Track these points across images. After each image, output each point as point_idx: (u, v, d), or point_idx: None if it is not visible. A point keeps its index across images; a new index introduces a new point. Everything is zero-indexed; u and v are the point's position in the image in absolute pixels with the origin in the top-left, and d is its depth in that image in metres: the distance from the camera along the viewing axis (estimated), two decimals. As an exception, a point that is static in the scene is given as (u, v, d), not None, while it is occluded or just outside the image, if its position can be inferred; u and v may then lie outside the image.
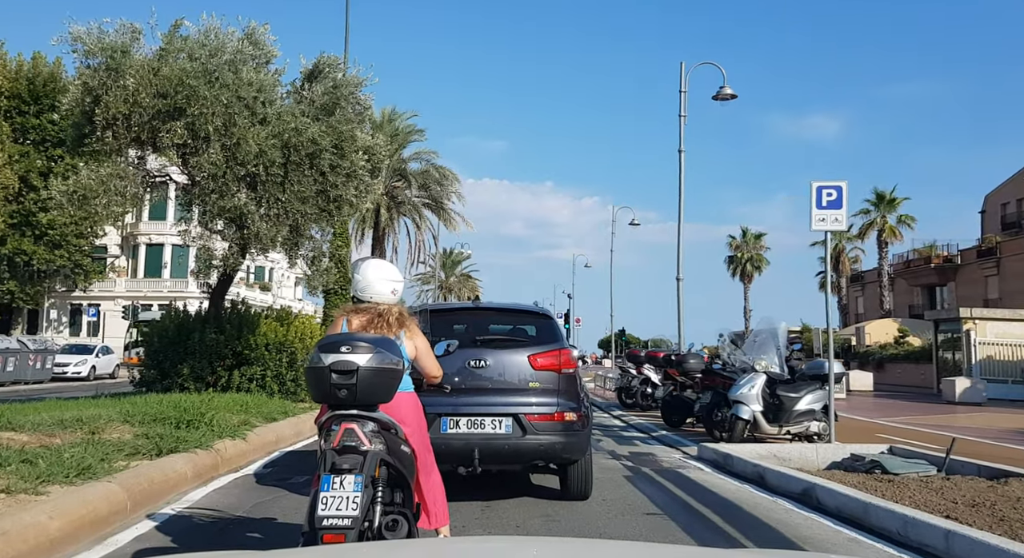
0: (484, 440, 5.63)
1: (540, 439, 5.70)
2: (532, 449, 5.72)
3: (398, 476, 3.46)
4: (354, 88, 10.79)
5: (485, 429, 5.69)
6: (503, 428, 5.69)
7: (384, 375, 3.28)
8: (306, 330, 12.51)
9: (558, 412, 5.80)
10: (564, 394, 5.87)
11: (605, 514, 5.74)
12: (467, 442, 5.60)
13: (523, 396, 5.82)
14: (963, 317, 26.29)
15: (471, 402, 5.72)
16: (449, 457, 5.40)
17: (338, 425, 3.30)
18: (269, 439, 8.87)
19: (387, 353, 3.29)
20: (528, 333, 6.53)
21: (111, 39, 9.78)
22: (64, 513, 4.48)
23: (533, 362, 5.89)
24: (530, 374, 5.86)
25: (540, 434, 5.70)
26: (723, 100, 17.38)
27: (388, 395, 3.39)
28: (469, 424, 5.71)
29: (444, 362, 4.42)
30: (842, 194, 9.31)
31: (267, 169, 9.88)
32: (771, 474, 7.04)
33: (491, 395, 5.80)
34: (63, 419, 7.55)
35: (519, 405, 5.76)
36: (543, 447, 5.72)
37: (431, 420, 5.05)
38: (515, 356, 5.92)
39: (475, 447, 5.57)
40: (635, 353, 18.10)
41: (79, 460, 5.65)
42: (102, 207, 9.52)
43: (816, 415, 9.87)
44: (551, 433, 5.72)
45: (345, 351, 3.20)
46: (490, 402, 5.77)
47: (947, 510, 5.40)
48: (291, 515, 5.43)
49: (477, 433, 5.67)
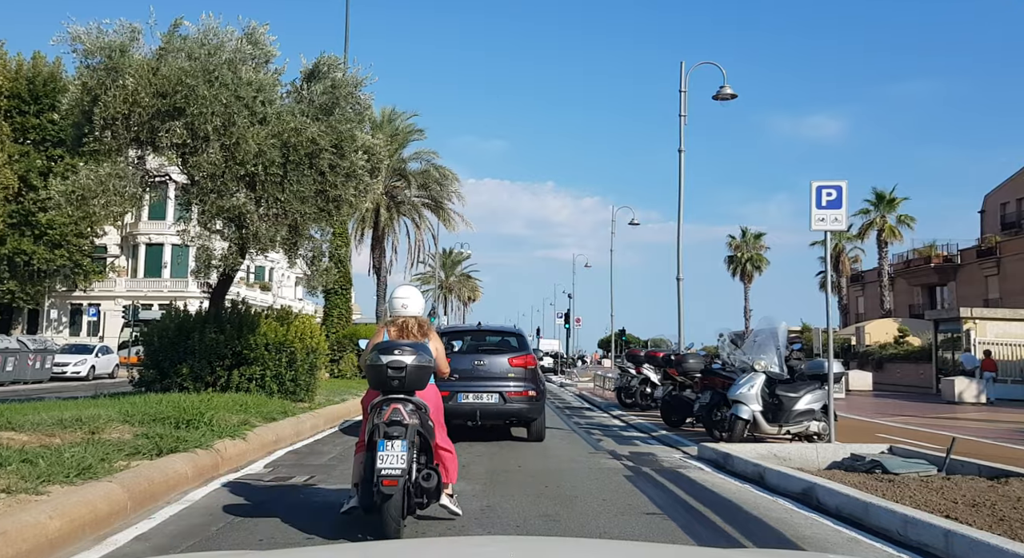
0: (482, 406, 9.69)
1: (514, 406, 9.77)
2: (510, 411, 9.82)
3: (424, 443, 4.70)
4: (353, 88, 10.77)
5: (483, 400, 9.73)
6: (494, 399, 9.75)
7: (423, 371, 4.67)
8: (306, 330, 12.48)
9: (525, 390, 9.81)
10: (529, 381, 9.93)
11: (605, 514, 5.74)
12: (473, 407, 9.65)
13: (504, 382, 9.85)
14: (963, 317, 26.30)
15: (475, 385, 9.73)
16: (463, 415, 9.51)
17: (388, 405, 4.50)
18: (269, 439, 8.86)
19: (424, 355, 4.66)
20: (509, 344, 10.54)
21: (110, 39, 9.77)
22: (64, 513, 4.48)
23: (511, 362, 9.99)
24: (509, 369, 9.93)
25: (514, 403, 9.76)
26: (723, 100, 17.37)
27: (423, 385, 4.77)
28: (474, 397, 9.69)
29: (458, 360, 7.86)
30: (842, 194, 9.30)
31: (266, 169, 9.87)
32: (771, 474, 7.04)
33: (487, 381, 9.81)
34: (63, 419, 7.55)
35: (502, 387, 9.79)
36: (516, 410, 9.82)
37: (452, 395, 8.61)
38: (500, 358, 10.04)
39: (477, 409, 9.66)
40: (635, 353, 18.09)
41: (79, 460, 5.65)
42: (101, 207, 9.51)
43: (816, 415, 9.86)
44: (521, 402, 9.79)
45: (397, 354, 4.54)
46: (486, 385, 9.78)
47: (947, 510, 5.39)
48: (292, 515, 5.43)
49: (479, 402, 9.71)
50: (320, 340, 12.95)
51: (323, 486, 6.66)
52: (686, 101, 17.48)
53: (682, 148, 17.49)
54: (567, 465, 8.31)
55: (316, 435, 10.44)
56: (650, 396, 15.90)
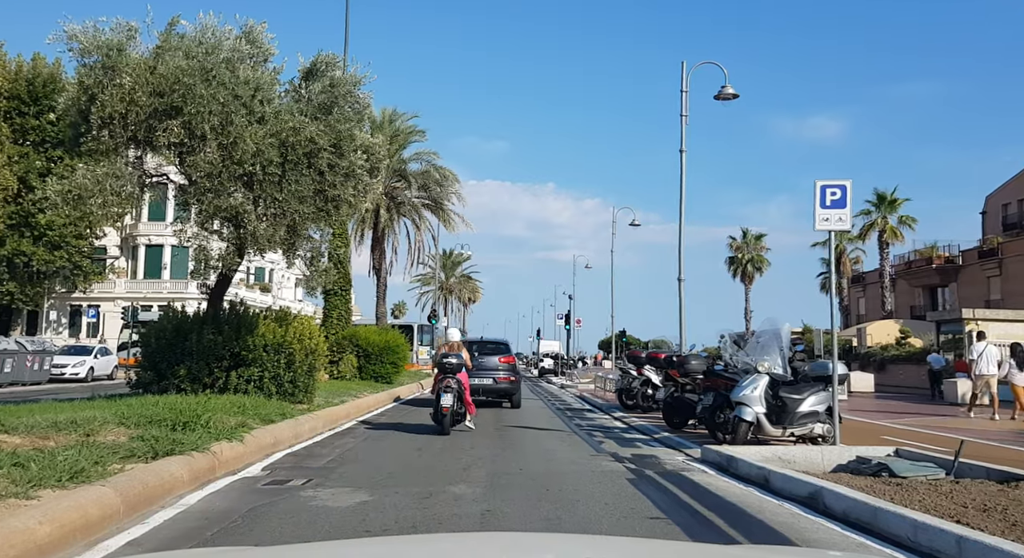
0: (484, 386, 16.47)
1: (502, 386, 17.03)
2: (499, 390, 17.02)
3: (460, 396, 11.37)
4: (352, 86, 10.65)
5: (485, 382, 16.53)
6: (490, 382, 16.77)
7: (459, 365, 11.61)
8: (305, 331, 12.37)
9: (508, 377, 17.18)
10: (511, 371, 17.41)
11: (608, 518, 5.63)
12: (479, 386, 15.75)
13: (496, 371, 17.03)
14: (966, 318, 26.15)
15: (481, 373, 16.10)
16: (474, 391, 13.56)
17: (445, 379, 11.37)
18: (267, 442, 8.76)
19: (460, 358, 11.72)
20: (500, 349, 17.72)
21: (107, 37, 9.65)
22: (54, 518, 4.37)
23: (500, 359, 17.35)
24: (498, 364, 17.20)
25: (502, 384, 17.02)
26: (725, 100, 17.22)
27: (460, 370, 11.59)
28: (479, 380, 15.63)
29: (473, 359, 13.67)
30: (846, 193, 9.20)
31: (264, 168, 9.75)
32: (776, 477, 6.92)
33: (487, 371, 16.72)
34: (57, 421, 7.45)
35: (495, 374, 16.96)
36: (503, 388, 17.07)
37: (471, 378, 12.39)
38: (494, 357, 17.28)
39: (481, 388, 16.02)
40: (636, 354, 17.97)
41: (72, 463, 5.54)
42: (98, 207, 9.39)
43: (820, 417, 9.75)
44: (505, 384, 17.07)
45: (450, 357, 11.68)
46: (486, 373, 16.69)
47: (958, 514, 5.28)
48: (287, 519, 5.33)
49: (482, 384, 16.21)
50: (319, 341, 12.83)
51: (321, 489, 6.55)
52: (687, 101, 17.36)
53: (683, 148, 17.35)
54: (569, 468, 8.21)
55: (315, 437, 10.33)
56: (651, 398, 15.79)
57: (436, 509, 5.78)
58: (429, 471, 7.77)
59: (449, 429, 10.93)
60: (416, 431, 11.50)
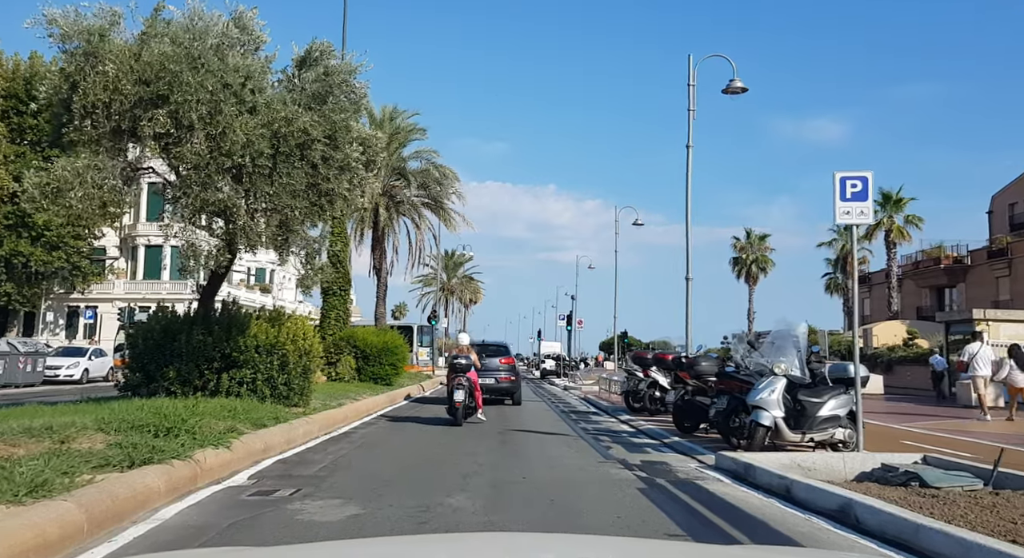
0: (487, 385, 16.52)
1: (503, 385, 18.54)
2: (501, 388, 18.50)
3: (471, 392, 13.15)
4: (348, 75, 10.14)
5: (488, 381, 17.01)
6: (493, 381, 17.87)
7: (468, 366, 13.37)
8: (298, 331, 11.87)
9: (508, 376, 18.76)
10: (511, 372, 19.00)
11: (620, 534, 5.15)
12: (485, 384, 15.73)
13: (498, 372, 18.44)
14: (976, 318, 25.64)
15: (486, 373, 16.45)
16: (481, 389, 14.08)
17: (456, 377, 13.10)
18: (256, 448, 8.28)
19: (469, 359, 13.50)
20: (500, 351, 19.46)
21: (89, 22, 9.17)
22: (3, 540, 3.89)
23: (501, 360, 18.90)
24: (500, 365, 18.71)
25: (503, 384, 18.55)
26: (733, 93, 16.73)
27: (470, 370, 13.33)
28: (482, 380, 14.98)
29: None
30: (867, 185, 8.73)
31: (254, 160, 9.24)
32: (799, 487, 6.43)
33: (490, 371, 17.66)
34: (31, 427, 6.97)
35: (497, 375, 18.34)
36: (505, 387, 18.61)
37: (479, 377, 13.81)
38: (496, 359, 18.71)
39: (484, 386, 14.81)
40: (642, 355, 17.47)
41: (34, 475, 5.06)
42: (77, 201, 8.90)
43: (841, 421, 9.26)
44: (507, 383, 18.65)
45: (460, 359, 13.53)
46: (490, 373, 17.59)
47: (1008, 532, 4.78)
48: (269, 537, 4.85)
49: (485, 383, 15.69)
50: (314, 342, 12.34)
51: (309, 501, 6.06)
52: (695, 96, 16.88)
53: (690, 144, 16.87)
54: (575, 475, 7.73)
55: (309, 442, 9.85)
56: (659, 400, 15.30)
57: (433, 524, 5.30)
58: (427, 480, 7.29)
59: (462, 421, 12.74)
60: (415, 434, 11.02)
